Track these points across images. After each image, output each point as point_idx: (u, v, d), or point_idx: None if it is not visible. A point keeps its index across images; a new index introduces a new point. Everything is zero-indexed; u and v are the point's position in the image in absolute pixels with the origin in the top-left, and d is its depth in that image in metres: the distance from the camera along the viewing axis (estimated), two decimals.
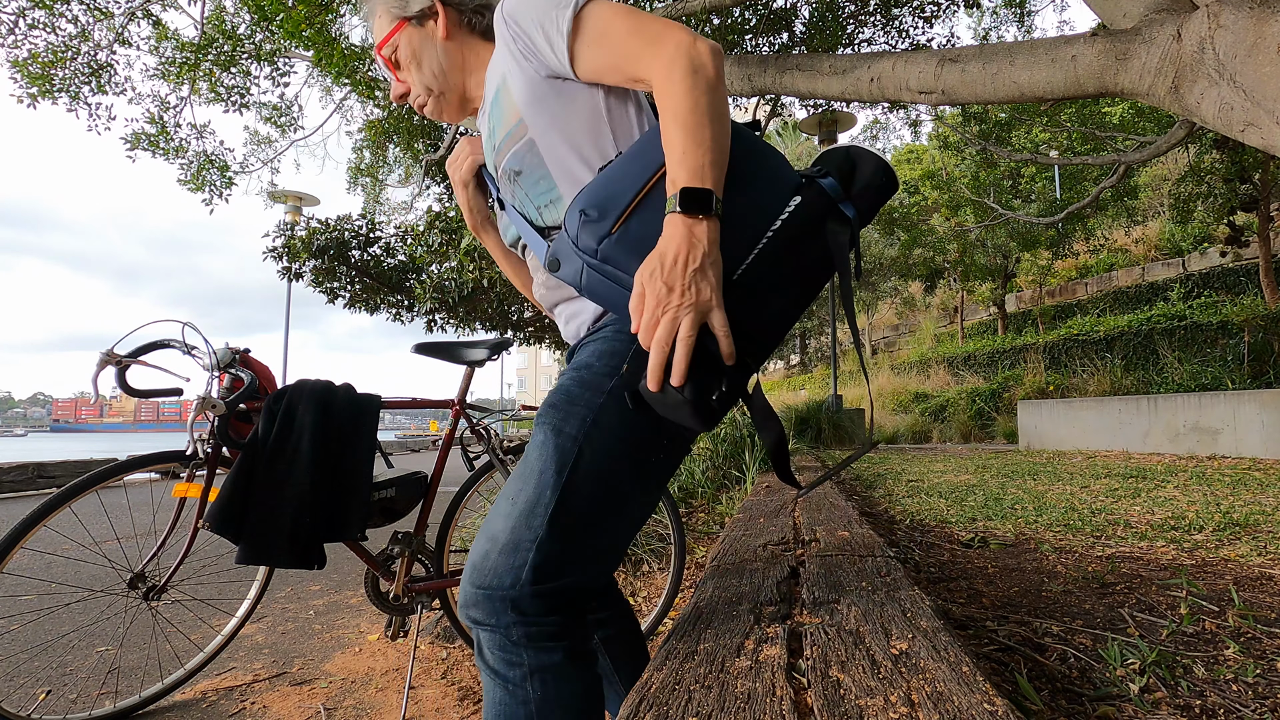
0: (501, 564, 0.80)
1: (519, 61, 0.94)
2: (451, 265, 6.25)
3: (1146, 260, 16.89)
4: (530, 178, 0.96)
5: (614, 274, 0.81)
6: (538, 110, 0.94)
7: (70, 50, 5.82)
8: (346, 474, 1.71)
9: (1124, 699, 1.14)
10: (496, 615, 0.80)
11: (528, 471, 0.85)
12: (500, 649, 0.82)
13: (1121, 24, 1.88)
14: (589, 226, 0.81)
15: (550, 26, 0.89)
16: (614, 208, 0.81)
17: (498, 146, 1.00)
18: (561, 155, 0.93)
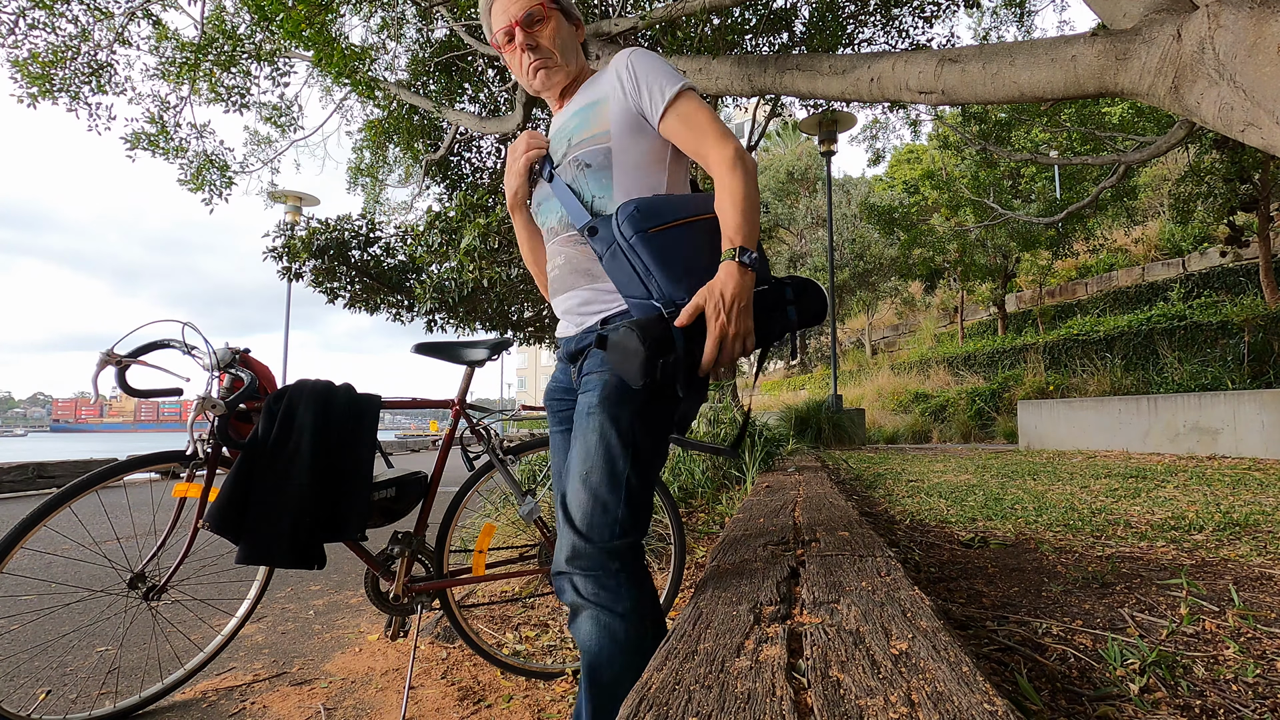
0: (601, 522, 1.10)
1: (624, 95, 1.24)
2: (451, 265, 6.24)
3: (1146, 260, 16.89)
4: (596, 174, 1.24)
5: (633, 259, 1.13)
6: (623, 133, 1.24)
7: (70, 50, 5.82)
8: (346, 474, 1.71)
9: (1124, 699, 1.14)
10: (603, 564, 1.10)
11: (597, 451, 1.12)
12: (605, 589, 1.10)
13: (1121, 24, 1.88)
14: (634, 219, 1.12)
15: (657, 90, 1.22)
16: (658, 218, 1.14)
17: (575, 140, 1.27)
18: (625, 171, 1.24)
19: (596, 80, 1.31)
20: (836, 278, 17.57)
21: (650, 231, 1.12)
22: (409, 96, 6.66)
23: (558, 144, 1.32)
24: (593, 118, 1.26)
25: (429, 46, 7.09)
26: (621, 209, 1.13)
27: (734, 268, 1.06)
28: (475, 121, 6.12)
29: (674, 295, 1.10)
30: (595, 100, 1.27)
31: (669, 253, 1.12)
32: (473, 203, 5.96)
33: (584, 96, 1.31)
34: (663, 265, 1.11)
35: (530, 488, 2.03)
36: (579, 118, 1.28)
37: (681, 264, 1.12)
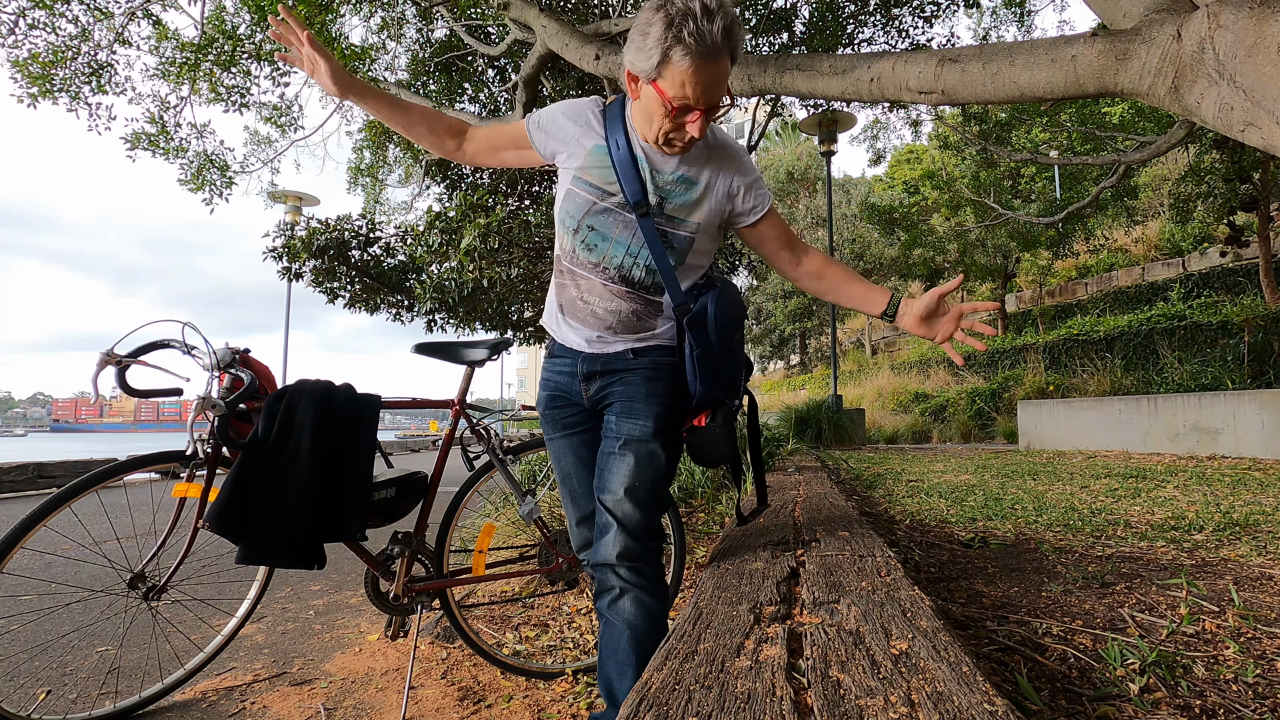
0: (647, 528, 1.32)
1: (725, 202, 1.35)
2: (451, 265, 6.24)
3: (1146, 260, 16.88)
4: (666, 255, 1.32)
5: (685, 356, 1.35)
6: (706, 236, 1.36)
7: (70, 50, 5.81)
8: (346, 474, 1.71)
9: (1124, 699, 1.14)
10: (645, 557, 1.32)
11: (648, 471, 1.32)
12: (645, 576, 1.32)
13: (1121, 24, 1.88)
14: (717, 324, 1.32)
15: (764, 199, 1.37)
16: (732, 335, 1.36)
17: (665, 207, 1.31)
18: (690, 265, 1.37)
19: (710, 153, 1.33)
20: None
21: (724, 340, 1.34)
22: (409, 96, 6.66)
23: (642, 177, 1.30)
24: (692, 202, 1.32)
25: (429, 46, 7.10)
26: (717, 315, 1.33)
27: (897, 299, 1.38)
28: (475, 121, 6.11)
29: (728, 397, 1.41)
30: (699, 184, 1.32)
31: (718, 360, 1.35)
32: (473, 203, 5.96)
33: (696, 166, 1.32)
34: (734, 371, 1.40)
35: (530, 488, 2.03)
36: (682, 186, 1.31)
37: (730, 369, 1.39)
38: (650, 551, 1.33)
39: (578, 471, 1.48)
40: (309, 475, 1.62)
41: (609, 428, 1.38)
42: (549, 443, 1.52)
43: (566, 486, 1.50)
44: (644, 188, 1.29)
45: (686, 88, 1.15)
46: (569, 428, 1.47)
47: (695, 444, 1.45)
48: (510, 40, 5.05)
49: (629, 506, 1.30)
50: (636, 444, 1.32)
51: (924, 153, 17.67)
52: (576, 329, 1.40)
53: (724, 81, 1.18)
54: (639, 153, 1.31)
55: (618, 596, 1.32)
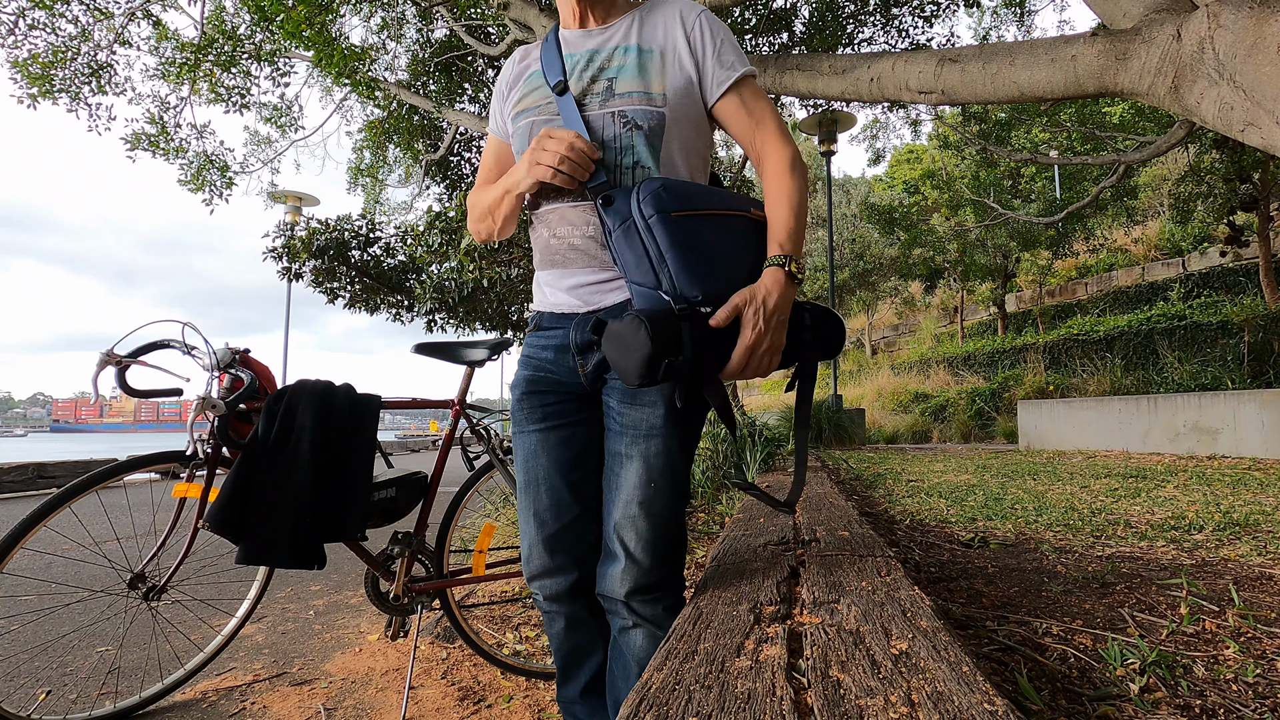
0: (669, 551, 1.11)
1: (689, 57, 1.11)
2: (451, 265, 6.25)
3: (1146, 260, 16.89)
4: (646, 138, 1.08)
5: (648, 241, 1.00)
6: (680, 104, 1.10)
7: (70, 51, 5.81)
8: (346, 474, 1.71)
9: (1124, 699, 1.14)
10: (677, 585, 1.14)
11: (663, 476, 1.09)
12: (667, 609, 1.10)
13: (1121, 24, 1.88)
14: (658, 197, 0.99)
15: (726, 64, 1.11)
16: (686, 203, 1.02)
17: (620, 86, 1.09)
18: (675, 147, 1.11)
19: (652, 18, 1.14)
20: (836, 278, 17.56)
21: (674, 215, 0.99)
22: (409, 96, 6.66)
23: (583, 69, 1.12)
24: (650, 70, 1.09)
25: (429, 46, 7.10)
26: (646, 184, 1.00)
27: (781, 275, 0.98)
28: (475, 121, 6.12)
29: (687, 290, 0.97)
30: (653, 49, 1.10)
31: (691, 243, 0.99)
32: None
33: (634, 33, 1.12)
34: (681, 255, 0.98)
35: None
36: (628, 58, 1.10)
37: (703, 258, 0.99)
38: (669, 576, 1.11)
39: (549, 478, 1.17)
40: (309, 475, 1.62)
41: (611, 418, 1.13)
42: (517, 439, 1.21)
43: (529, 495, 1.18)
44: (563, 67, 1.12)
45: None
46: (549, 419, 1.17)
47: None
48: (510, 40, 5.05)
49: (643, 524, 1.07)
50: (646, 439, 1.08)
51: (924, 153, 17.69)
52: (561, 277, 1.14)
53: None
54: (560, 43, 1.16)
55: (629, 628, 1.12)
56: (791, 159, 1.08)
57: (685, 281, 0.98)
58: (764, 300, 0.97)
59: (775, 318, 0.97)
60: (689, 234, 0.99)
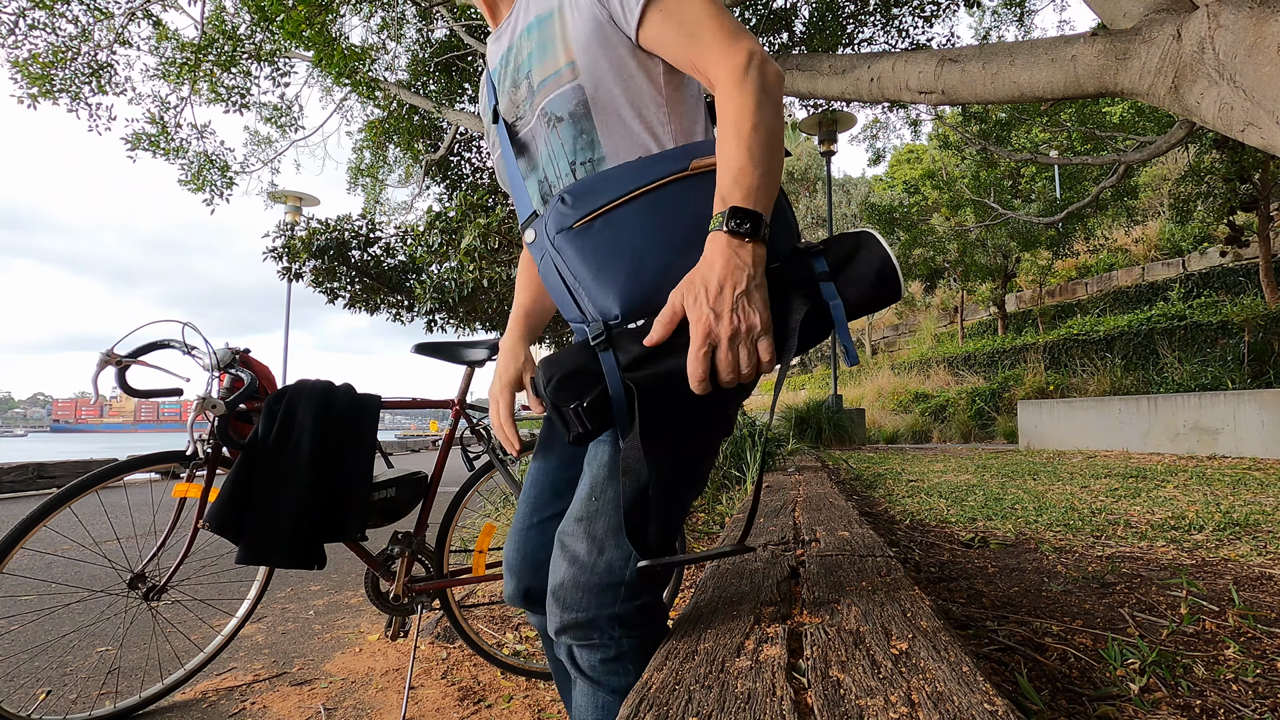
0: (612, 574, 0.84)
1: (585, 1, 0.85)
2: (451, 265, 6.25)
3: (1146, 260, 16.89)
4: (573, 129, 0.86)
5: (562, 269, 0.81)
6: (595, 58, 0.85)
7: (70, 50, 5.82)
8: (346, 474, 1.71)
9: (1124, 699, 1.14)
10: (621, 635, 0.86)
11: (607, 485, 0.86)
12: (614, 669, 0.88)
13: (1121, 24, 1.88)
14: (558, 212, 0.81)
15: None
16: (588, 203, 0.79)
17: (535, 84, 0.89)
18: (617, 111, 0.85)
19: None
20: None
21: (576, 226, 0.79)
22: (409, 96, 6.66)
23: (510, 81, 0.93)
24: (548, 44, 0.87)
25: (429, 46, 7.10)
26: (552, 200, 0.83)
27: (722, 240, 0.71)
28: (475, 121, 6.12)
29: (605, 306, 0.77)
30: (549, 12, 0.88)
31: (601, 249, 0.78)
32: (473, 203, 5.97)
33: (529, 5, 0.92)
34: (589, 266, 0.78)
35: None
36: (531, 39, 0.90)
37: (617, 262, 0.77)
38: (608, 622, 0.84)
39: (539, 474, 1.07)
40: (309, 475, 1.62)
41: None
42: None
43: (523, 490, 1.10)
44: (493, 89, 0.97)
45: None
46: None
47: None
48: None
49: (581, 545, 0.84)
50: (597, 448, 0.88)
51: (924, 152, 17.68)
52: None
53: None
54: (493, 44, 1.01)
55: (574, 675, 0.92)
56: (741, 64, 0.77)
57: (598, 298, 0.77)
58: (703, 281, 0.70)
59: (727, 294, 0.70)
60: (598, 239, 0.78)
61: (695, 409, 0.82)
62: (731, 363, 0.71)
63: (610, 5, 0.84)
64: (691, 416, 0.85)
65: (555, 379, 0.73)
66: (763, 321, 0.71)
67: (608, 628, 0.84)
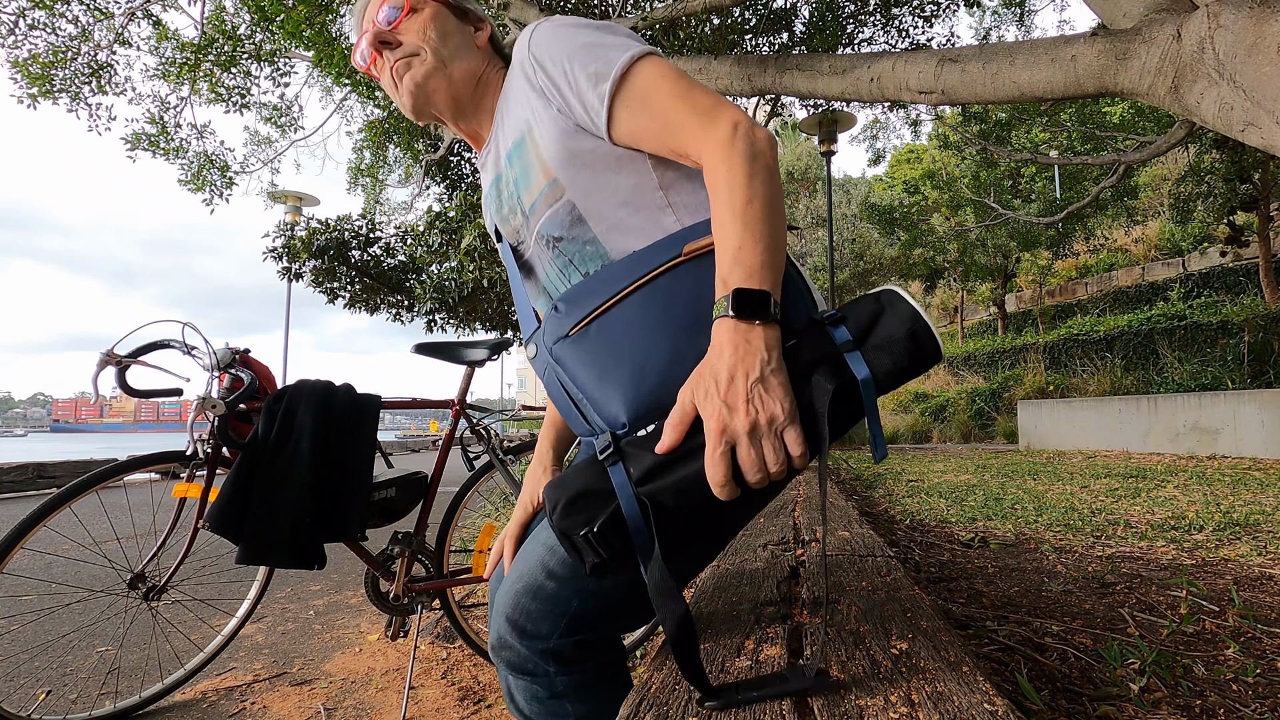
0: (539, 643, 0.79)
1: (547, 111, 0.83)
2: (451, 265, 6.25)
3: (1146, 260, 16.89)
4: (575, 244, 0.83)
5: (564, 381, 0.76)
6: (576, 169, 0.82)
7: (70, 51, 5.82)
8: (346, 474, 1.71)
9: (1124, 699, 1.14)
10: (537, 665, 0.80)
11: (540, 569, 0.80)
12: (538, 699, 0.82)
13: (1121, 24, 1.88)
14: (553, 320, 0.77)
15: (586, 85, 0.79)
16: (581, 308, 0.75)
17: (527, 210, 0.87)
18: (614, 213, 0.82)
19: (509, 96, 0.90)
20: (836, 278, 17.55)
21: (572, 333, 0.75)
22: None
23: (506, 208, 0.92)
24: (529, 168, 0.86)
25: None
26: (549, 312, 0.79)
27: (728, 326, 0.65)
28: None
29: (611, 415, 0.71)
30: (521, 134, 0.86)
31: (604, 354, 0.72)
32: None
33: (504, 128, 0.91)
34: (591, 375, 0.73)
35: None
36: (513, 166, 0.89)
37: (624, 363, 0.71)
38: (546, 656, 0.79)
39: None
40: (309, 475, 1.62)
41: None
42: None
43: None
44: (490, 216, 0.98)
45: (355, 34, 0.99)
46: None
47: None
48: (510, 40, 5.05)
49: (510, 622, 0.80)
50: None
51: (924, 152, 17.68)
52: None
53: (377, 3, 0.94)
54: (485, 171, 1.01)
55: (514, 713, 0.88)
56: (724, 139, 0.72)
57: (603, 407, 0.72)
58: (713, 375, 0.64)
59: (740, 384, 0.63)
60: (596, 344, 0.73)
61: (722, 513, 0.72)
62: (756, 461, 0.62)
63: (574, 113, 0.81)
64: (719, 520, 0.78)
65: (561, 504, 0.66)
66: (785, 410, 0.63)
67: (542, 662, 0.79)
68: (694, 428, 0.65)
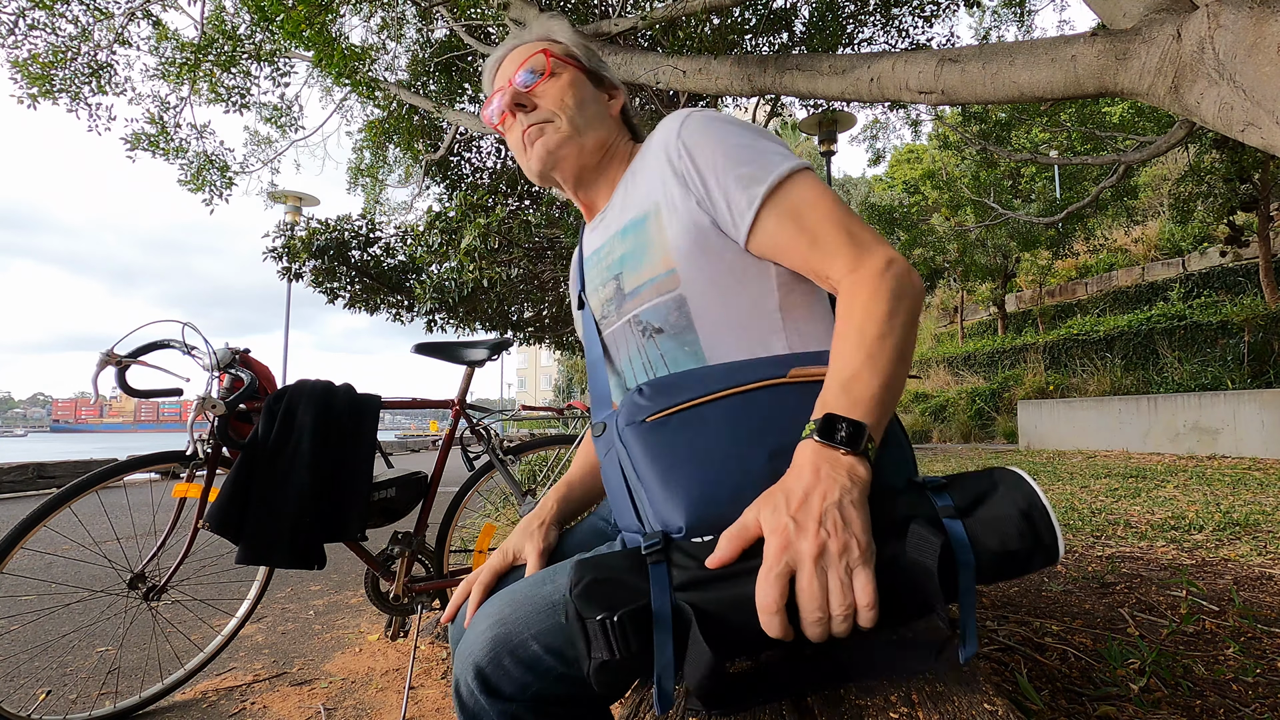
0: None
1: (686, 197, 0.78)
2: (451, 265, 6.25)
3: (1146, 260, 16.89)
4: (674, 341, 0.80)
5: (625, 466, 0.71)
6: (699, 267, 0.77)
7: (70, 51, 5.82)
8: (346, 474, 1.71)
9: (1124, 699, 1.14)
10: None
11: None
12: None
13: (1121, 24, 1.88)
14: (633, 403, 0.72)
15: (736, 185, 0.75)
16: (667, 397, 0.71)
17: (627, 291, 0.84)
18: (724, 321, 0.78)
19: (638, 171, 0.87)
20: None
21: (649, 420, 0.70)
22: (409, 96, 6.66)
23: (599, 278, 0.89)
24: (646, 250, 0.81)
25: (429, 46, 7.10)
26: (628, 394, 0.74)
27: (811, 448, 0.60)
28: (475, 121, 6.12)
29: (667, 516, 0.65)
30: (644, 213, 0.83)
31: (678, 450, 0.67)
32: (473, 203, 5.97)
33: (626, 202, 0.87)
34: (656, 467, 0.67)
35: (530, 488, 2.03)
36: (626, 242, 0.84)
37: (696, 468, 0.66)
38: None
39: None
40: (309, 475, 1.62)
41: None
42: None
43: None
44: (582, 276, 0.97)
45: (491, 92, 0.97)
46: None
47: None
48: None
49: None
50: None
51: (924, 153, 17.68)
52: None
53: (521, 58, 0.93)
54: (583, 245, 1.01)
55: None
56: (875, 271, 0.69)
57: (661, 505, 0.66)
58: (787, 489, 0.58)
59: (814, 502, 0.56)
60: (672, 439, 0.68)
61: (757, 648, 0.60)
62: (817, 595, 0.53)
63: (715, 210, 0.77)
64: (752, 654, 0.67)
65: (587, 580, 0.58)
66: (861, 545, 0.55)
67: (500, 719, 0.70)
68: (752, 549, 0.57)
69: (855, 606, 0.53)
